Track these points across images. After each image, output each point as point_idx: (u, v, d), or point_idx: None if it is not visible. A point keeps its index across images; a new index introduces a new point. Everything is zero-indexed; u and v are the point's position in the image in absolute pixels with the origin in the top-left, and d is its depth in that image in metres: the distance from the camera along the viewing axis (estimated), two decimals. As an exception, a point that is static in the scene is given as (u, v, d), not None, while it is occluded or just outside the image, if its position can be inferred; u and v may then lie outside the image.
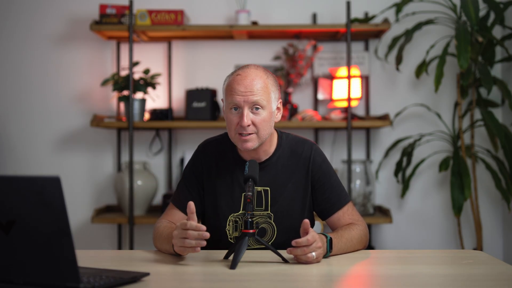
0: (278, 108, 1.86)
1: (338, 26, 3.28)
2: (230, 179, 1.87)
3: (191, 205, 1.61)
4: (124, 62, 3.50)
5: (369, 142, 3.53)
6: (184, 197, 1.89)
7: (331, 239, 1.68)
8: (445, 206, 3.52)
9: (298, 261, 1.61)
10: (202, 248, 1.82)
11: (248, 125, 1.76)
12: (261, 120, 1.77)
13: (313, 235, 1.59)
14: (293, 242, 1.58)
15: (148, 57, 3.54)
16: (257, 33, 3.42)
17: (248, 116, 1.76)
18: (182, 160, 3.48)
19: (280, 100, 1.86)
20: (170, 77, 3.53)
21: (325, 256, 1.67)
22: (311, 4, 3.54)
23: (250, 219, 1.62)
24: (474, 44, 3.08)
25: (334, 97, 3.43)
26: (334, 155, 3.52)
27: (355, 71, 3.38)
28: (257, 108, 1.77)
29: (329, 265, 1.62)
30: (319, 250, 1.61)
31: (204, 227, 1.58)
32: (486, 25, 3.26)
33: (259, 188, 1.85)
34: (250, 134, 1.77)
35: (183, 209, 1.87)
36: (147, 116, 3.41)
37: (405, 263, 1.71)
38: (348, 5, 3.22)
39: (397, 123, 3.49)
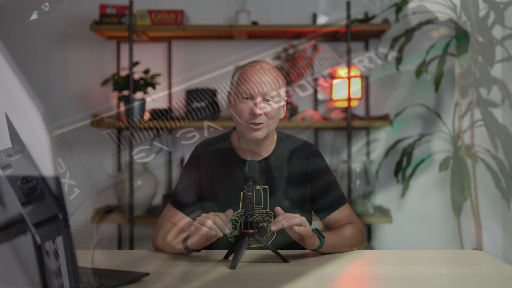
0: (283, 105, 1.88)
1: (338, 26, 3.27)
2: (228, 179, 1.87)
3: (230, 212, 1.65)
4: (124, 62, 3.50)
5: (369, 142, 3.53)
6: (182, 198, 1.89)
7: (316, 228, 1.70)
8: (445, 206, 3.52)
9: (293, 231, 1.60)
10: (203, 248, 1.81)
11: (261, 115, 1.78)
12: (272, 111, 1.81)
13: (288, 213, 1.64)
14: (276, 209, 1.65)
15: (148, 57, 3.54)
16: (257, 33, 3.42)
17: (261, 106, 1.78)
18: (182, 160, 3.48)
19: (285, 99, 1.89)
20: (170, 77, 3.53)
21: (320, 246, 1.67)
22: (311, 4, 3.54)
23: (250, 219, 1.63)
24: (474, 44, 3.08)
25: (334, 97, 3.43)
26: (334, 155, 3.52)
27: (355, 71, 3.38)
28: (268, 100, 1.80)
29: (329, 265, 1.62)
30: (301, 218, 1.62)
31: (229, 225, 1.62)
32: (486, 25, 3.26)
33: (258, 187, 1.85)
34: (261, 123, 1.79)
35: (182, 210, 1.88)
36: (147, 116, 3.41)
37: (405, 263, 1.70)
38: (348, 5, 3.22)
39: (397, 123, 3.49)
